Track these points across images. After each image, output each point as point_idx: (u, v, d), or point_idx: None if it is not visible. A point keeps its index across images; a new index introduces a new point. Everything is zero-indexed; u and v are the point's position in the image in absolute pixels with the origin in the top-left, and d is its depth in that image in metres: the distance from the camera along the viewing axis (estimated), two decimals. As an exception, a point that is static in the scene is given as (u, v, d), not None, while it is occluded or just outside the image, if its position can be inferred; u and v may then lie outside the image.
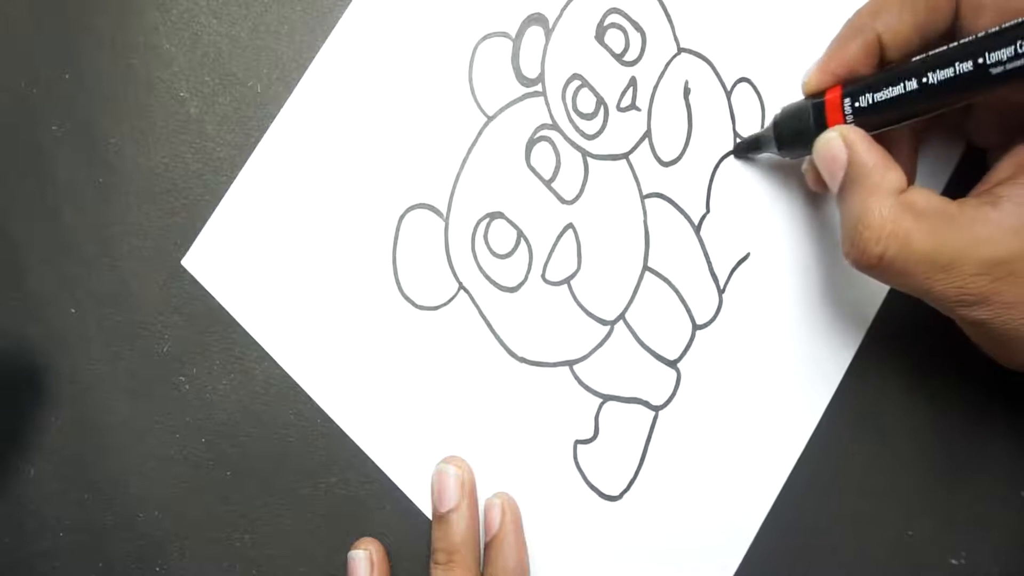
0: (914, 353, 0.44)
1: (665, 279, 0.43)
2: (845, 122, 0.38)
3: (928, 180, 0.44)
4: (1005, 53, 0.33)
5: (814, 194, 0.43)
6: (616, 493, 0.43)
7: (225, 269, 0.42)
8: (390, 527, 0.42)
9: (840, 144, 0.37)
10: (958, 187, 0.44)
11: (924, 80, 0.35)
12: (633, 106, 0.43)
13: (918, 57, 0.36)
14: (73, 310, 0.42)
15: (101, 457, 0.42)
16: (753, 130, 0.44)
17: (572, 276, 0.43)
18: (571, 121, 0.43)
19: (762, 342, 0.44)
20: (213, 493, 0.42)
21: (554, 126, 0.43)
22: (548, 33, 0.43)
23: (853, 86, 0.38)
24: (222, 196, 0.42)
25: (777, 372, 0.44)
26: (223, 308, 0.42)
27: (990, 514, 0.44)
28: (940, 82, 0.35)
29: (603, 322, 0.43)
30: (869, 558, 0.44)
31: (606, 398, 0.43)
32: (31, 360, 0.41)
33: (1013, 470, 0.44)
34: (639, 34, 0.43)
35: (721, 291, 0.44)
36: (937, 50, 0.35)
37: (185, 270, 0.42)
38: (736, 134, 0.44)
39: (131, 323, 0.42)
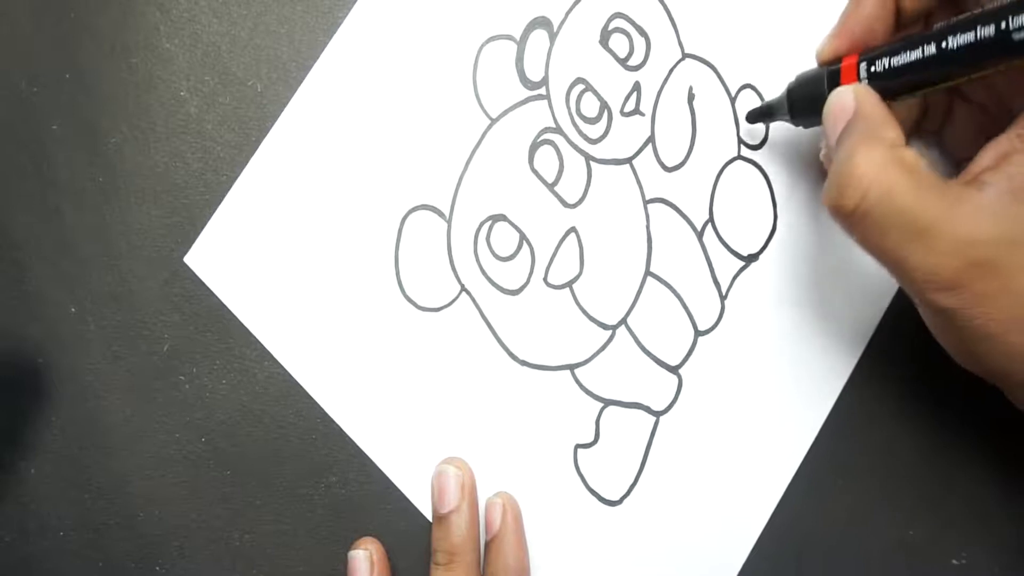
0: (916, 358, 0.44)
1: (667, 284, 0.43)
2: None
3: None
4: None
5: (817, 201, 0.43)
6: (616, 498, 0.43)
7: (227, 267, 0.42)
8: (390, 527, 0.42)
9: (850, 98, 0.36)
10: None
11: (943, 45, 0.34)
12: (637, 111, 0.43)
13: (938, 25, 0.35)
14: (73, 310, 0.42)
15: (101, 457, 0.42)
16: (757, 136, 0.44)
17: (574, 280, 0.43)
18: (575, 125, 0.43)
19: (764, 349, 0.44)
20: (213, 493, 0.42)
21: (558, 130, 0.43)
22: (552, 37, 0.42)
23: (869, 53, 0.37)
24: (222, 196, 0.42)
25: (779, 379, 0.44)
26: (223, 308, 0.42)
27: (991, 515, 0.45)
28: (960, 47, 0.34)
29: (605, 326, 0.43)
30: (870, 559, 0.44)
31: (607, 403, 0.43)
32: (31, 360, 0.41)
33: (1014, 470, 0.45)
34: (643, 39, 0.43)
35: (723, 297, 0.44)
36: (957, 18, 0.34)
37: (185, 270, 0.42)
38: (740, 140, 0.44)
39: (131, 323, 0.42)
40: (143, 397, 0.42)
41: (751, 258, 0.44)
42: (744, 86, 0.44)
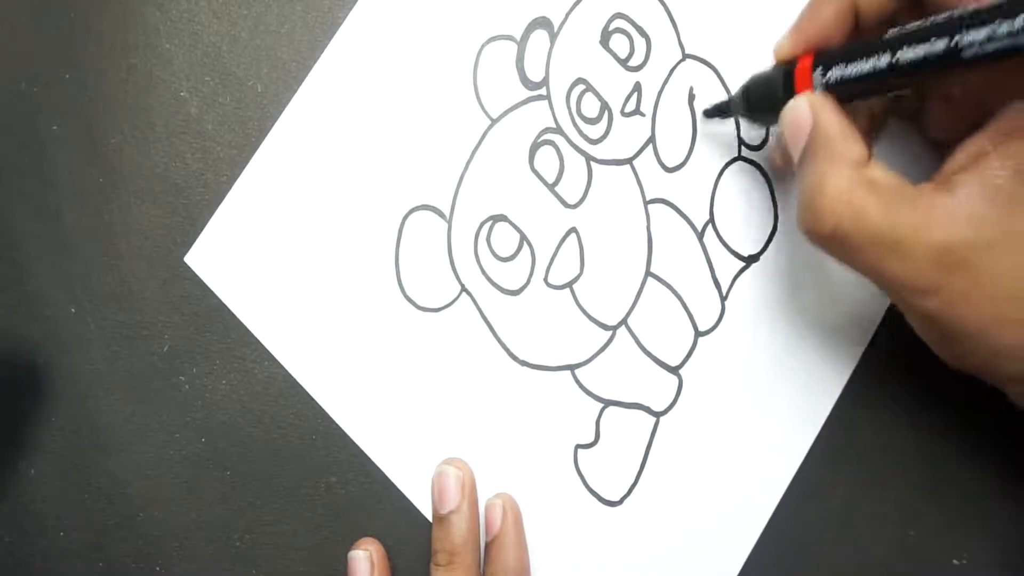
0: (916, 357, 0.44)
1: (668, 285, 0.43)
2: (814, 91, 0.37)
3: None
4: (978, 36, 0.32)
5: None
6: (616, 498, 0.43)
7: (227, 267, 0.42)
8: (390, 527, 0.42)
9: (806, 111, 0.36)
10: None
11: (896, 60, 0.34)
12: (637, 111, 0.43)
13: (891, 32, 0.35)
14: (73, 310, 0.42)
15: (101, 457, 0.42)
16: (757, 137, 0.44)
17: (575, 280, 0.43)
18: (575, 125, 0.43)
19: (764, 350, 0.44)
20: (213, 493, 0.42)
21: (558, 130, 0.43)
22: (553, 37, 0.42)
23: (824, 57, 0.37)
24: (222, 196, 0.42)
25: (779, 379, 0.44)
26: (223, 308, 0.42)
27: (993, 514, 0.45)
28: (911, 62, 0.34)
29: (605, 327, 0.43)
30: (871, 560, 0.44)
31: (607, 403, 0.43)
32: (31, 360, 0.41)
33: (1014, 470, 0.45)
34: (644, 39, 0.43)
35: (723, 298, 0.44)
36: (911, 26, 0.34)
37: (185, 270, 0.42)
38: (741, 140, 0.44)
39: (131, 323, 0.42)
40: (143, 397, 0.42)
41: (751, 259, 0.44)
42: (745, 87, 0.44)
